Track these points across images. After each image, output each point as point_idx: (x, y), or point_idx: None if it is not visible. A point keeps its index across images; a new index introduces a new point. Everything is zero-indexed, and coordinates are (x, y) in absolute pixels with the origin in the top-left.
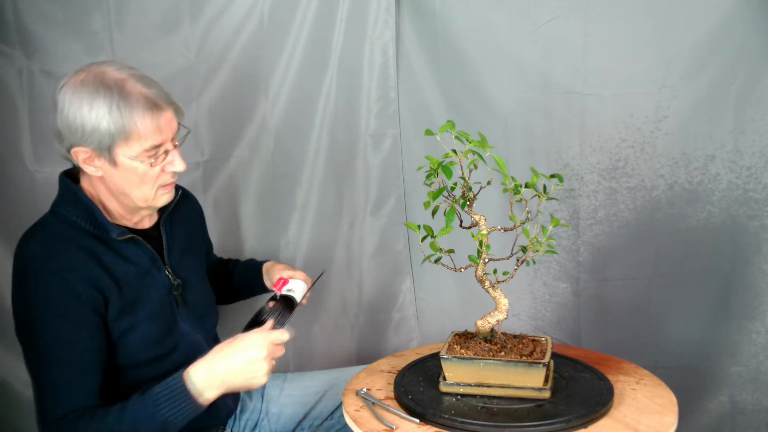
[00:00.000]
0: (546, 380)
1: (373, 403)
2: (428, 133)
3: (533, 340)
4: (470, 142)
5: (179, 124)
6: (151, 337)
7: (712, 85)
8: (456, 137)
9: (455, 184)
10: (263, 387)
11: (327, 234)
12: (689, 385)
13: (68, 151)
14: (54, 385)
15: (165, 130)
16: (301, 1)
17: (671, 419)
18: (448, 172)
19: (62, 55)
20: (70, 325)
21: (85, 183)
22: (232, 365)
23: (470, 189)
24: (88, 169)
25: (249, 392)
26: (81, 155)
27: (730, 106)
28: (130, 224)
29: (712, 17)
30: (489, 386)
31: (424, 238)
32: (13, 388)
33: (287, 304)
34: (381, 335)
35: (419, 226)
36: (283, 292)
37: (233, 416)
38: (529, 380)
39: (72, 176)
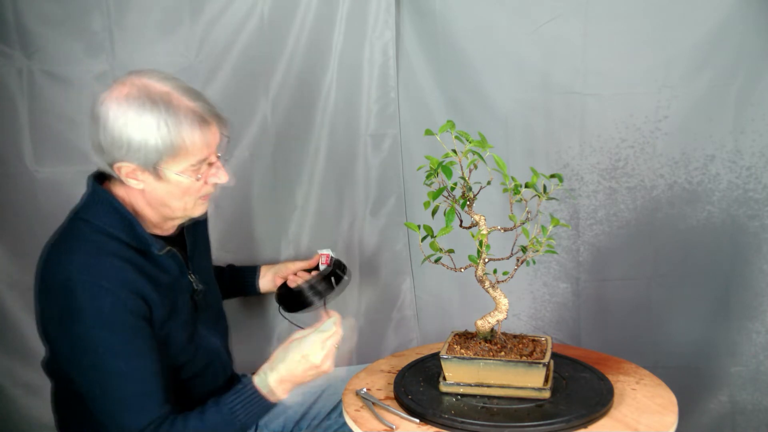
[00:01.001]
0: (546, 380)
1: (373, 403)
2: (428, 133)
3: (533, 340)
4: (470, 142)
5: (221, 134)
6: (179, 342)
7: (712, 85)
8: (456, 137)
9: (455, 184)
10: None
11: (327, 234)
12: (689, 385)
13: (110, 165)
14: (126, 400)
15: (212, 145)
16: (301, 1)
17: (671, 419)
18: (448, 172)
19: (62, 55)
20: (128, 338)
21: (119, 190)
22: (295, 369)
23: (470, 189)
24: (130, 182)
25: None
26: (124, 170)
27: (730, 106)
28: (160, 232)
29: (712, 17)
30: (489, 386)
31: (424, 238)
32: (9, 391)
33: (327, 280)
34: (381, 335)
35: (419, 226)
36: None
37: None
38: (529, 380)
39: (99, 177)
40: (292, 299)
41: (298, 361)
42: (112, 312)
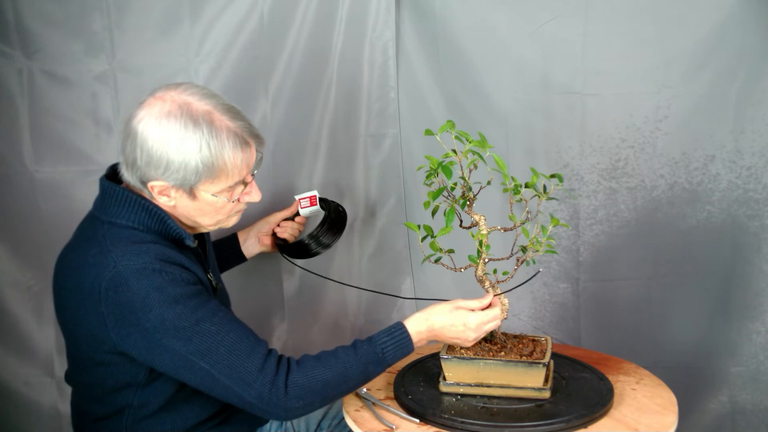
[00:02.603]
0: (546, 380)
1: (373, 404)
2: (428, 133)
3: (533, 340)
4: (470, 142)
5: (258, 152)
6: None
7: (712, 85)
8: (456, 137)
9: (455, 184)
10: None
11: None
12: (689, 385)
13: (142, 182)
14: (234, 349)
15: (250, 165)
16: (301, 1)
17: (671, 419)
18: (448, 172)
19: (62, 55)
20: (199, 303)
21: (144, 193)
22: (449, 332)
23: (470, 189)
24: (161, 199)
25: None
26: (158, 188)
27: (730, 106)
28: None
29: (712, 17)
30: (489, 386)
31: (424, 238)
32: (12, 388)
33: (329, 227)
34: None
35: (419, 226)
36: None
37: None
38: (529, 380)
39: (111, 177)
40: (297, 250)
41: (457, 327)
42: (173, 287)
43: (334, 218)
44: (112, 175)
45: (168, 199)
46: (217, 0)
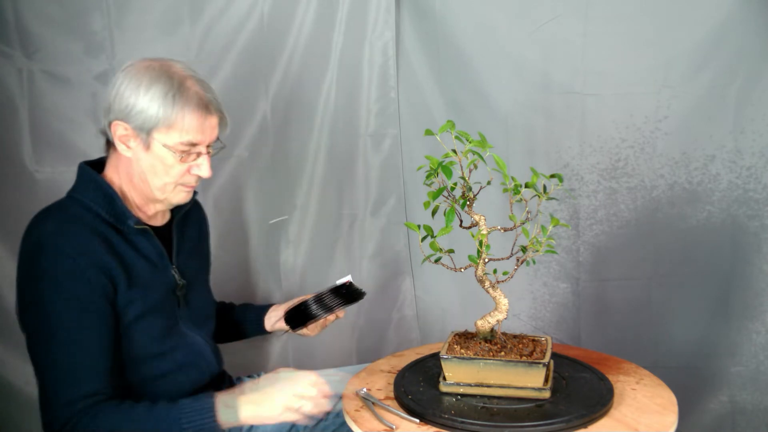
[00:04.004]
0: (546, 380)
1: (373, 403)
2: (428, 133)
3: (533, 340)
4: (470, 142)
5: (218, 137)
6: (153, 332)
7: (712, 85)
8: (456, 137)
9: (455, 184)
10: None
11: (327, 234)
12: (689, 385)
13: (109, 124)
14: (63, 369)
15: (206, 133)
16: (301, 1)
17: (671, 419)
18: (448, 172)
19: (62, 55)
20: (77, 309)
21: (109, 172)
22: (268, 399)
23: (470, 189)
24: (120, 146)
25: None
26: (119, 131)
27: (730, 106)
28: (144, 218)
29: (712, 17)
30: (489, 386)
31: (424, 238)
32: (15, 387)
33: (336, 295)
34: (381, 335)
35: (419, 226)
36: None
37: None
38: (529, 380)
39: (94, 167)
40: (298, 313)
41: (281, 393)
42: (69, 278)
43: (349, 291)
44: (95, 163)
45: (126, 149)
46: (217, 0)
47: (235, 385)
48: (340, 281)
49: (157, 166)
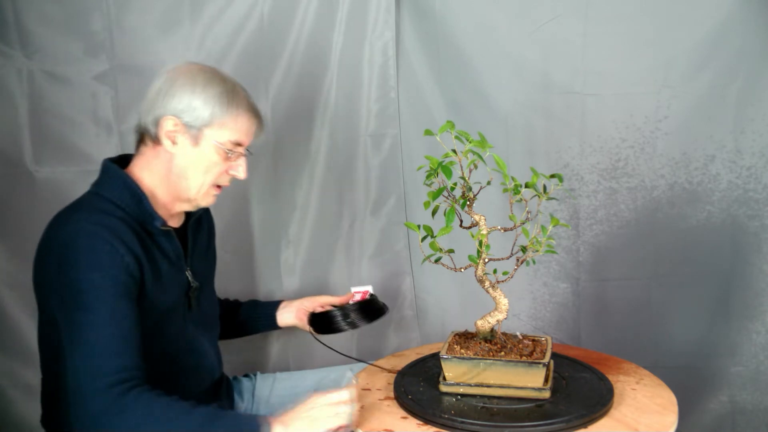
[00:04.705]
0: (546, 380)
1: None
2: (428, 133)
3: (533, 340)
4: (470, 142)
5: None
6: (166, 332)
7: (712, 85)
8: (456, 137)
9: (455, 184)
10: (253, 388)
11: (327, 234)
12: (689, 385)
13: (156, 120)
14: (100, 346)
15: (249, 136)
16: (301, 1)
17: (671, 419)
18: (448, 172)
19: (62, 55)
20: (117, 292)
21: (137, 169)
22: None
23: (470, 189)
24: (165, 142)
25: (240, 394)
26: (169, 126)
27: (730, 106)
28: (166, 217)
29: (712, 17)
30: (489, 386)
31: (424, 238)
32: (8, 392)
33: (362, 311)
34: (381, 335)
35: (419, 226)
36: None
37: None
38: (529, 380)
39: (118, 163)
40: (323, 322)
41: (306, 411)
42: (109, 260)
43: (373, 308)
44: (118, 160)
45: (171, 144)
46: (217, 0)
47: (232, 389)
48: (360, 288)
49: (201, 163)
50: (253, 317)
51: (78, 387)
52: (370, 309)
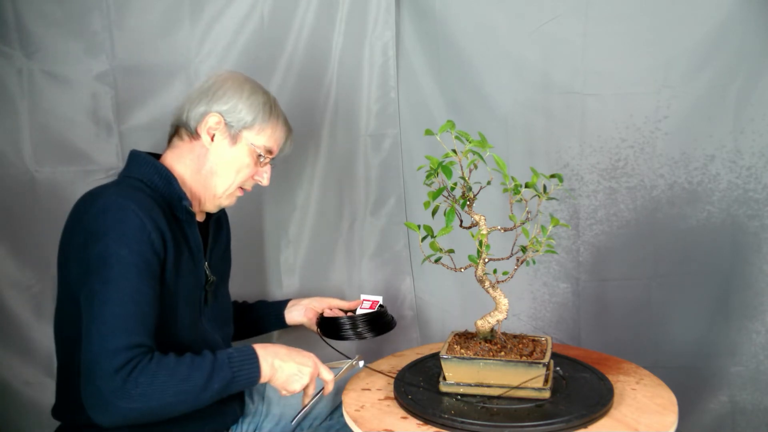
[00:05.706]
0: (546, 380)
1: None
2: (428, 133)
3: (533, 340)
4: (470, 142)
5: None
6: (183, 320)
7: (712, 85)
8: (456, 137)
9: (455, 184)
10: (264, 389)
11: (327, 234)
12: (689, 385)
13: (203, 115)
14: (120, 319)
15: (280, 146)
16: (301, 1)
17: (671, 419)
18: (448, 172)
19: (62, 55)
20: (141, 267)
21: (168, 160)
22: (285, 365)
23: (470, 189)
24: (204, 137)
25: (251, 395)
26: (212, 121)
27: (730, 106)
28: None
29: (712, 17)
30: (489, 386)
31: (424, 238)
32: (12, 388)
33: (370, 323)
34: (381, 335)
35: (419, 226)
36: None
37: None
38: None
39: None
40: (331, 327)
41: (292, 363)
42: (137, 235)
43: (382, 322)
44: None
45: (209, 140)
46: (217, 0)
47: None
48: (370, 297)
49: (234, 163)
50: (263, 316)
51: (89, 364)
52: (379, 322)
